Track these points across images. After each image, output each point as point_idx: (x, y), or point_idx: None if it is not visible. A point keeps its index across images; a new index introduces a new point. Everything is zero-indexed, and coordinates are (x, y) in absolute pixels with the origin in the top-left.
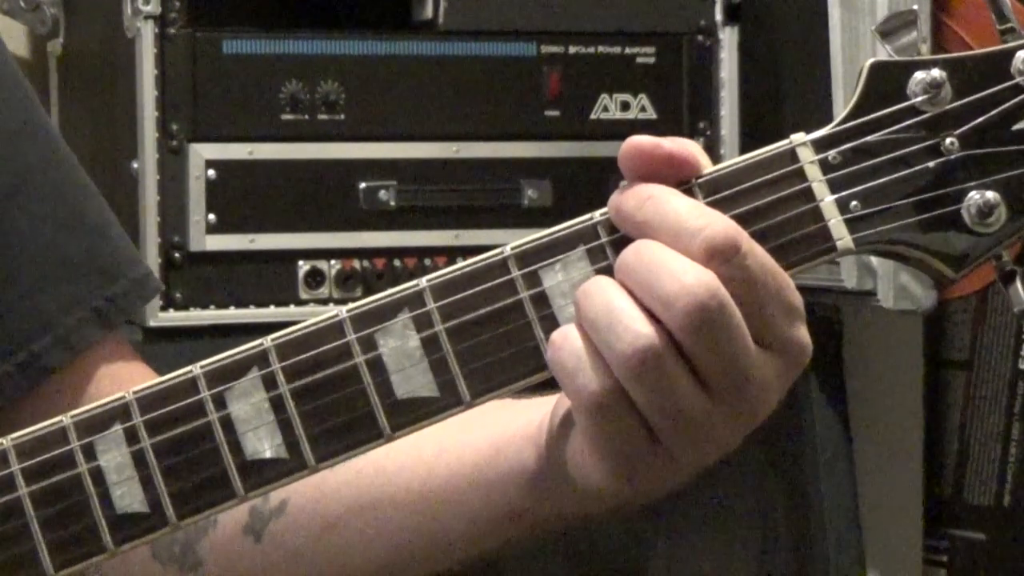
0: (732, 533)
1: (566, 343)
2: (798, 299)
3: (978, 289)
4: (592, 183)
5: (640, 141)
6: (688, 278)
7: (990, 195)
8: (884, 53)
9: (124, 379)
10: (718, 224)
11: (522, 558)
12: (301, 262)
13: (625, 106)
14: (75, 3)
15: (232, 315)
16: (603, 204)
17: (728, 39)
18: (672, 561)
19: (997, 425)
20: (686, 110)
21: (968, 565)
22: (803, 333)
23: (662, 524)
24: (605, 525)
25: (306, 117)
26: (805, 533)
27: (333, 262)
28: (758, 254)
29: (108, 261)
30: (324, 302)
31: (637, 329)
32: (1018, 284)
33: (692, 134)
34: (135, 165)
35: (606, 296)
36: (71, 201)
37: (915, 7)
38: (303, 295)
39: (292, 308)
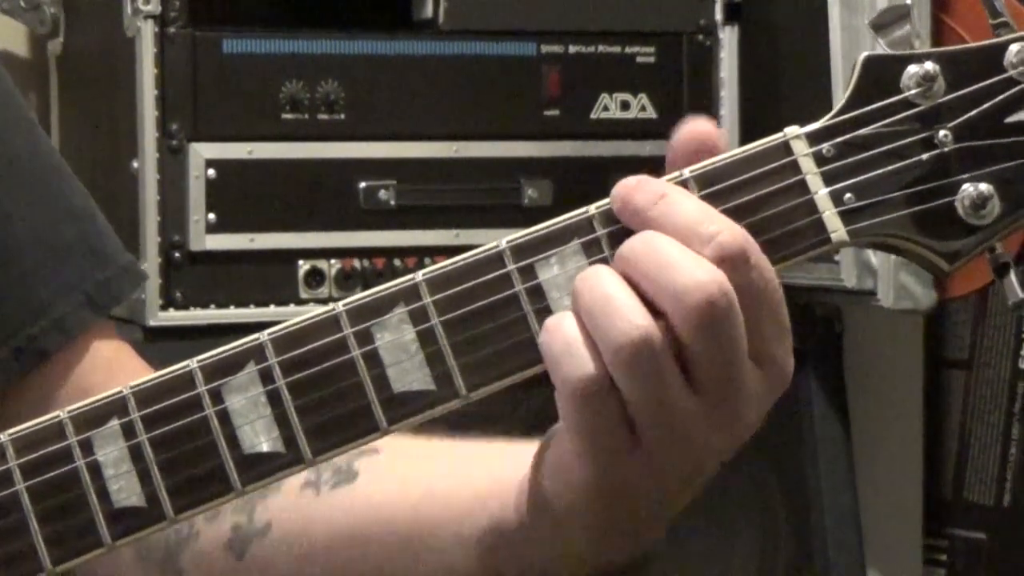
0: (732, 533)
1: (559, 329)
2: (788, 319)
3: (978, 289)
4: (592, 182)
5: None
6: (701, 274)
7: (983, 187)
8: (881, 49)
9: (113, 363)
10: (730, 232)
11: None
12: (301, 262)
13: (625, 105)
14: (75, 3)
15: (232, 315)
16: None
17: (728, 39)
18: (672, 561)
19: (997, 425)
20: (686, 109)
21: (968, 565)
22: (790, 356)
23: None
24: None
25: (306, 117)
26: (805, 534)
27: (333, 261)
28: (763, 267)
29: (97, 247)
30: (324, 301)
31: (633, 319)
32: (1012, 276)
33: None
34: (135, 165)
35: (604, 285)
36: (58, 188)
37: (908, 2)
38: (303, 294)
39: (292, 307)
